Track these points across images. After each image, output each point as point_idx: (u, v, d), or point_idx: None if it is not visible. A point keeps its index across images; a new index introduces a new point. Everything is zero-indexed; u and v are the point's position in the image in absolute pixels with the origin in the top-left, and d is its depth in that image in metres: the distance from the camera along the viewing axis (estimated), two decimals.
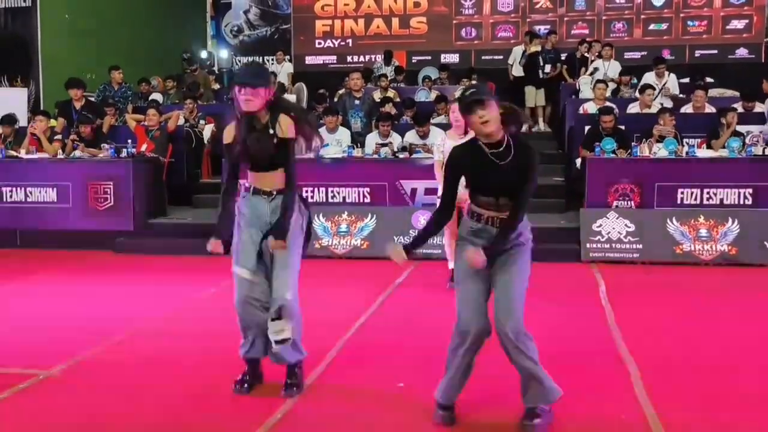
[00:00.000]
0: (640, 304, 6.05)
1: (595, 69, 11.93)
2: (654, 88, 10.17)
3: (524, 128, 3.50)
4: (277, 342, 3.79)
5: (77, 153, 9.36)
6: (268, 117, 3.76)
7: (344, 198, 8.57)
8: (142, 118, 10.10)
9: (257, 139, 3.75)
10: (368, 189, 8.52)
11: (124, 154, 9.02)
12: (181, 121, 10.34)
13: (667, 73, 10.91)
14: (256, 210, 3.86)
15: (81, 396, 4.03)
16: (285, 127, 3.75)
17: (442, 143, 6.38)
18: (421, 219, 7.88)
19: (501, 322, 3.34)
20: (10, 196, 8.93)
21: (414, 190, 8.40)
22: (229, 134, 3.83)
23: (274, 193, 3.84)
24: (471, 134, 3.48)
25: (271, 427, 3.57)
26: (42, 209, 8.85)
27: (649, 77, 10.90)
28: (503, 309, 3.35)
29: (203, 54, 16.85)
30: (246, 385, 3.98)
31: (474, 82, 12.82)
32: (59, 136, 9.89)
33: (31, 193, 8.89)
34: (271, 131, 3.76)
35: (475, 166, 3.39)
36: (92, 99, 11.13)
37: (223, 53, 17.64)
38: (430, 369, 3.89)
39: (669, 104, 10.27)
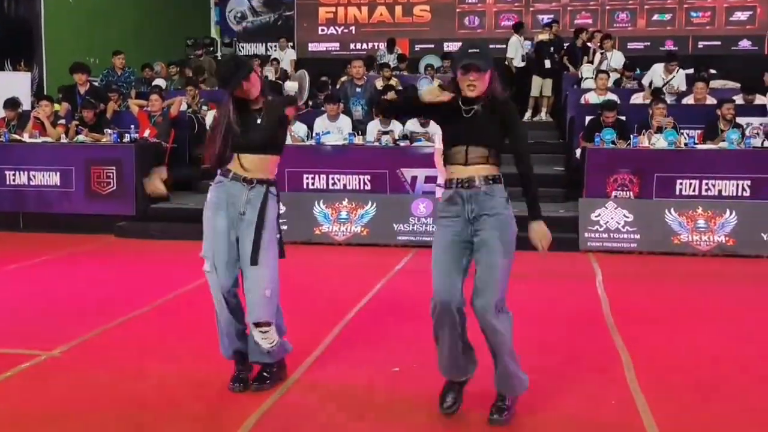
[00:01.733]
0: (636, 294, 6.11)
1: (603, 57, 11.91)
2: (662, 93, 10.05)
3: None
4: (266, 347, 3.73)
5: (80, 137, 9.40)
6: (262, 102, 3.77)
7: (345, 185, 8.61)
8: (144, 104, 10.14)
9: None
10: (369, 176, 8.56)
11: (126, 139, 9.07)
12: (184, 107, 10.38)
13: (676, 69, 10.81)
14: (231, 197, 3.65)
15: (81, 377, 4.09)
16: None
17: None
18: (421, 207, 7.93)
19: (477, 297, 3.31)
20: (14, 180, 8.99)
21: (414, 178, 8.44)
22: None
23: (255, 181, 3.66)
24: None
25: (264, 413, 3.59)
26: (45, 193, 8.92)
27: (657, 69, 10.83)
28: (483, 287, 3.31)
29: (207, 40, 16.85)
30: (239, 384, 3.85)
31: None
32: (62, 121, 9.95)
33: (34, 176, 8.95)
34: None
35: (449, 110, 3.47)
36: (96, 84, 11.17)
37: (227, 39, 17.64)
38: (427, 354, 3.89)
39: (671, 98, 10.26)
